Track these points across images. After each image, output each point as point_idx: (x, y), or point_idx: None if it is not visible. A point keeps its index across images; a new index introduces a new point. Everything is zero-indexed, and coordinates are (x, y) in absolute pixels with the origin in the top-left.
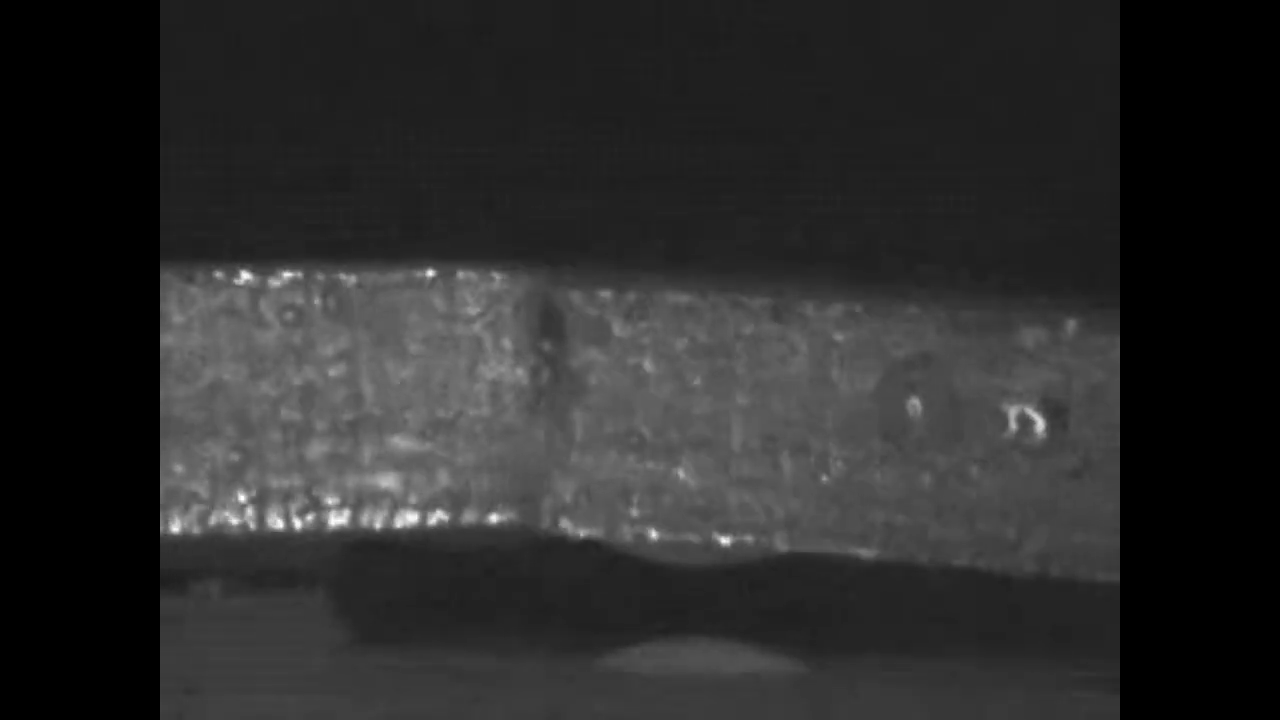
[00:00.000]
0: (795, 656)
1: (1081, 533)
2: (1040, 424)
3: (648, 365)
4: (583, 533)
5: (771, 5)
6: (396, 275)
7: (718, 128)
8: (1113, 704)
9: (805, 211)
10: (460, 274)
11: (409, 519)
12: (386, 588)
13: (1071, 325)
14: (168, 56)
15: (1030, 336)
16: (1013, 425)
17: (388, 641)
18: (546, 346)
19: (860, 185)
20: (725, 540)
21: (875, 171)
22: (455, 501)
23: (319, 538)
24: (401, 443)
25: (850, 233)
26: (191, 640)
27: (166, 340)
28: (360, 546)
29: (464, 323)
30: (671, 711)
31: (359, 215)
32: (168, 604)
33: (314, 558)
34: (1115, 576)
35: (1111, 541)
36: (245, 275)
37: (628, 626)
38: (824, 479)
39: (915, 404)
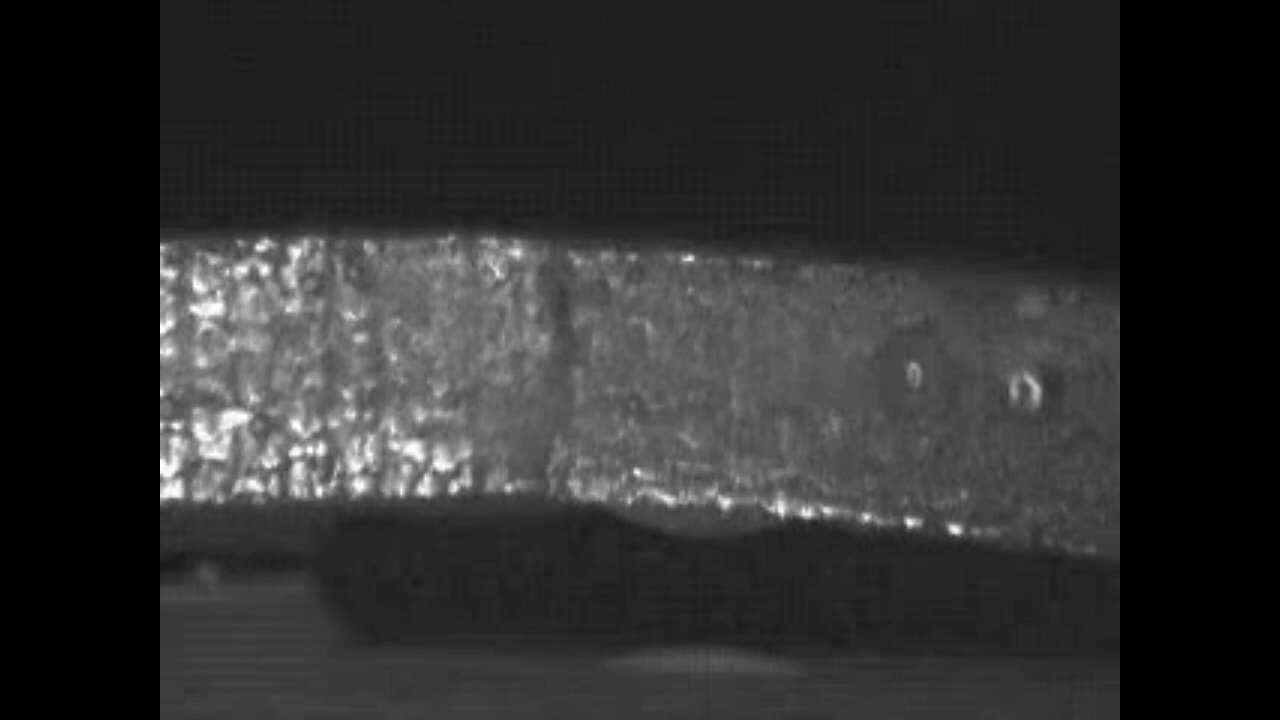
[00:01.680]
0: (793, 658)
1: (1077, 504)
2: (1038, 393)
3: (648, 328)
4: (586, 496)
5: None
6: (419, 242)
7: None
8: (1113, 704)
9: (805, 180)
10: (482, 241)
11: (430, 487)
12: (382, 574)
13: (1073, 295)
14: (169, 14)
15: (1031, 305)
16: (1012, 394)
17: (386, 639)
18: (560, 312)
19: (860, 155)
20: (726, 503)
21: (874, 140)
22: (477, 470)
23: (321, 515)
24: (424, 411)
25: (850, 202)
26: (192, 640)
27: (190, 309)
28: (355, 524)
29: (487, 291)
30: (672, 713)
31: (379, 183)
32: (167, 602)
33: (313, 539)
34: (1112, 549)
35: (1109, 514)
36: (267, 243)
37: (629, 628)
38: (822, 444)
39: (914, 370)
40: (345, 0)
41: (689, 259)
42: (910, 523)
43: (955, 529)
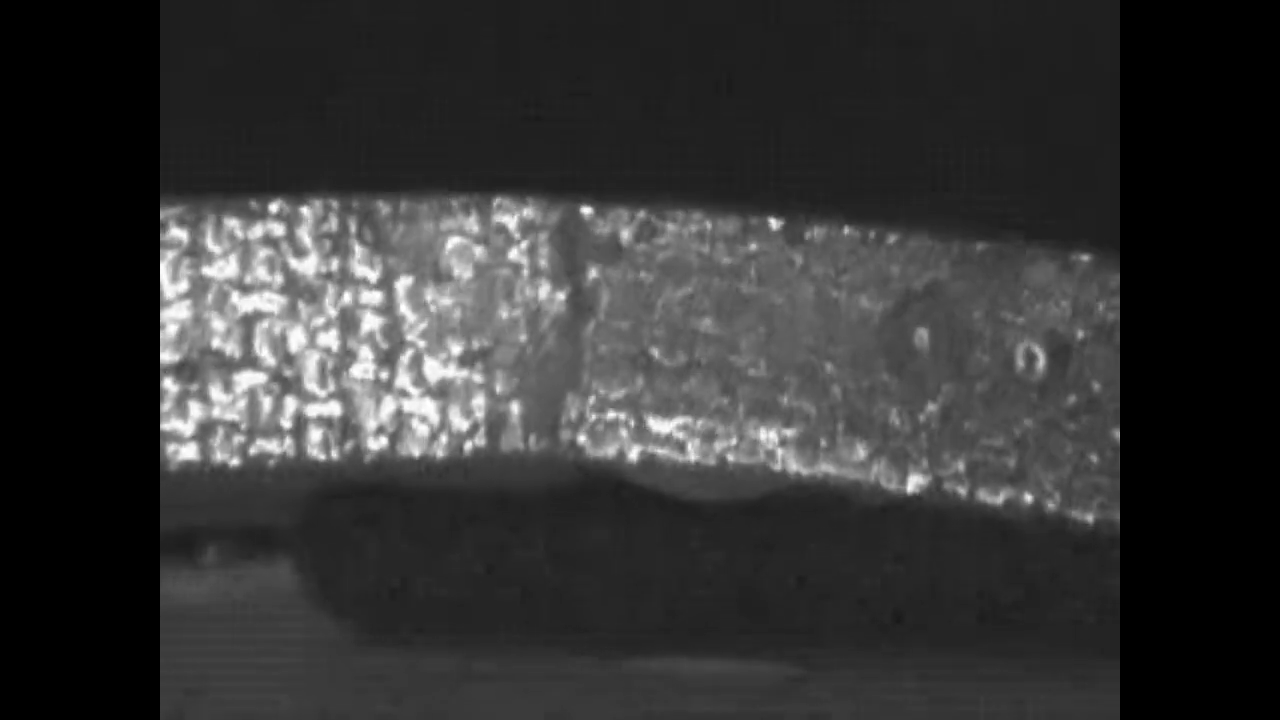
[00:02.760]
0: (791, 658)
1: (1080, 472)
2: (1043, 360)
3: (659, 285)
4: (597, 453)
5: None
6: (432, 202)
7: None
8: (1113, 704)
9: (816, 143)
10: (495, 200)
11: (446, 447)
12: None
13: (1083, 262)
14: None
15: (1040, 272)
16: (1019, 360)
17: (385, 635)
18: (573, 270)
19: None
20: (734, 460)
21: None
22: (492, 429)
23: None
24: (439, 370)
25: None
26: (192, 640)
27: (203, 271)
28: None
29: (500, 249)
30: (674, 713)
31: (391, 145)
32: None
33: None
34: (1112, 519)
35: (1110, 483)
36: (280, 204)
37: (630, 627)
38: (830, 404)
39: (922, 334)
40: None
41: (700, 217)
42: (913, 486)
43: (959, 492)
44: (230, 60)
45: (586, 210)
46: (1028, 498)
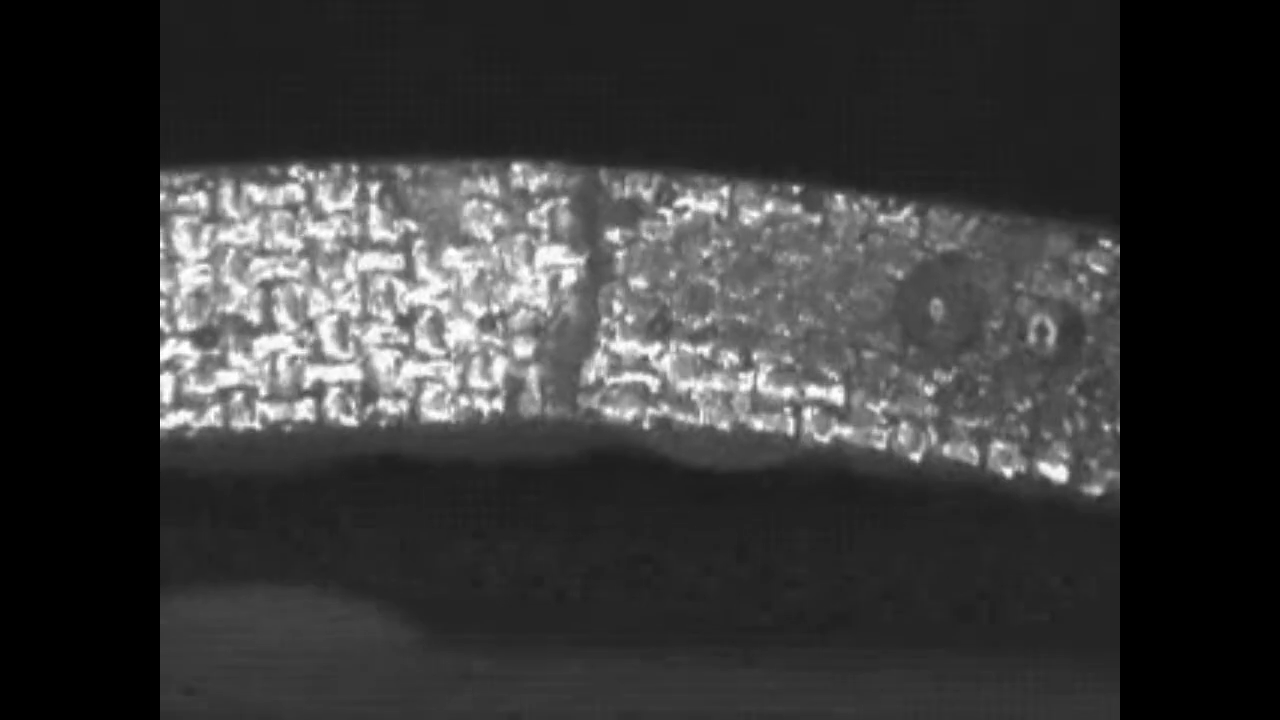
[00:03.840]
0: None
1: (1088, 448)
2: (1054, 334)
3: (677, 248)
4: (615, 418)
5: None
6: (451, 167)
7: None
8: (1113, 704)
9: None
10: (515, 166)
11: (465, 412)
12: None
13: (1100, 237)
14: None
15: (1058, 245)
16: (1030, 334)
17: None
18: (592, 234)
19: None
20: (752, 425)
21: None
22: (510, 393)
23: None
24: (459, 334)
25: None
26: (191, 639)
27: (224, 236)
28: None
29: (519, 214)
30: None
31: (405, 109)
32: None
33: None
34: (1114, 497)
35: (1114, 460)
36: (299, 168)
37: (630, 627)
38: (846, 371)
39: (939, 303)
40: None
41: (720, 181)
42: (921, 455)
43: (969, 459)
44: (244, 24)
45: (606, 174)
46: (1039, 469)
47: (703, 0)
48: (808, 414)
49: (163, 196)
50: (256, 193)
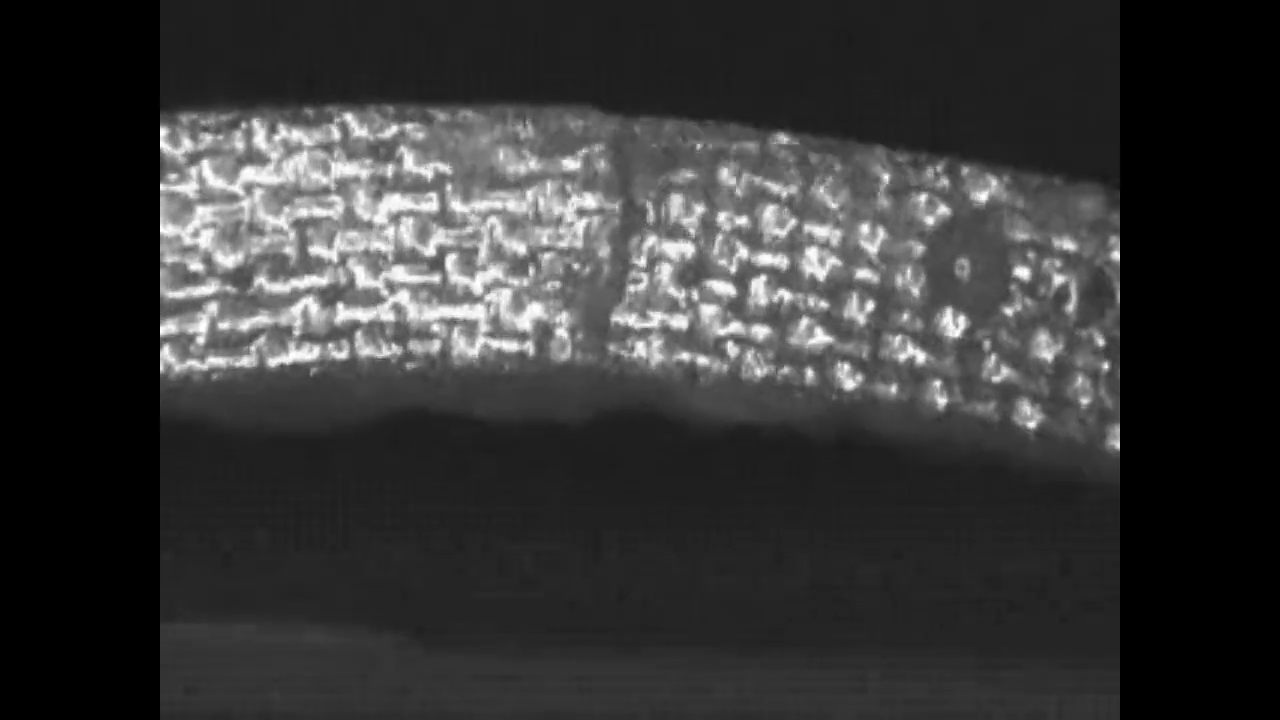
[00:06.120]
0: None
1: (1106, 409)
2: (1075, 296)
3: (709, 196)
4: (644, 364)
5: None
6: (486, 111)
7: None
8: (1113, 704)
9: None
10: (548, 110)
11: (494, 354)
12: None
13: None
14: None
15: (1088, 205)
16: (1053, 294)
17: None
18: (625, 181)
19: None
20: (777, 373)
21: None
22: (540, 337)
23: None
24: (489, 276)
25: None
26: (191, 638)
27: (252, 176)
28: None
29: (553, 159)
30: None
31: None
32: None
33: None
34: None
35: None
36: (332, 109)
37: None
38: (871, 322)
39: (966, 260)
40: None
41: (752, 130)
42: (951, 408)
43: (984, 413)
44: None
45: (641, 121)
46: (1059, 427)
47: None
48: (838, 365)
49: (198, 136)
50: (291, 133)
